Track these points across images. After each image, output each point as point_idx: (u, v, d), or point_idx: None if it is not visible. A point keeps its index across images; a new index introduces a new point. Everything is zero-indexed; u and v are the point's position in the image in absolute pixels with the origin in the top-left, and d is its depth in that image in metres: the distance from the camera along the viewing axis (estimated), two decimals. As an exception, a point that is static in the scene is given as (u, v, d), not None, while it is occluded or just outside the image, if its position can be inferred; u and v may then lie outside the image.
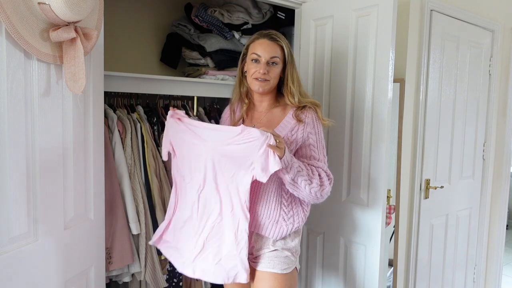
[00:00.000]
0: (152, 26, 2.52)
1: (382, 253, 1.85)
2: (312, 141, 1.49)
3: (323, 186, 1.43)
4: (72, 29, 1.22)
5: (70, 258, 1.40)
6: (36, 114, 1.22)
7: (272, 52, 1.48)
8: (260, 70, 1.46)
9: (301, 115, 1.50)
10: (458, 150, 2.65)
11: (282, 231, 1.49)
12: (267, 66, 1.47)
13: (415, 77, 2.31)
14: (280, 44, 1.50)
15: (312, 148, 1.49)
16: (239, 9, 2.40)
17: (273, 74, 1.49)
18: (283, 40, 1.51)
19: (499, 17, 2.85)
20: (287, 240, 1.52)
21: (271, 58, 1.47)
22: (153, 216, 1.94)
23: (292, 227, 1.51)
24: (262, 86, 1.49)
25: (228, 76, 2.39)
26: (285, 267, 1.49)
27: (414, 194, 2.38)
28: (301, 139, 1.48)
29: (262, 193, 1.49)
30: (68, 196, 1.37)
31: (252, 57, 1.49)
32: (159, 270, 1.93)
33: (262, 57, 1.47)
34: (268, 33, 1.51)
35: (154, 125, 2.09)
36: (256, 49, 1.49)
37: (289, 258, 1.51)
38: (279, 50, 1.50)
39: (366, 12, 1.85)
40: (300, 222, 1.53)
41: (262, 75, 1.47)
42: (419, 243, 2.44)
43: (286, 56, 1.50)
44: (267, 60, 1.47)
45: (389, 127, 1.80)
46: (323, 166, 1.47)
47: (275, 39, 1.49)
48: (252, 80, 1.50)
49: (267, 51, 1.47)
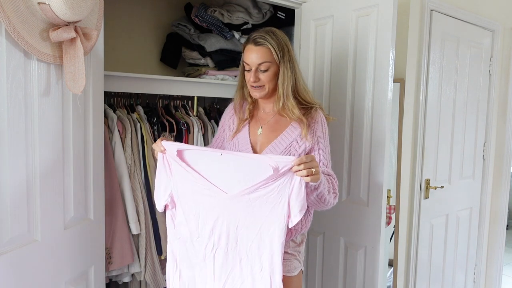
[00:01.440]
0: (152, 26, 2.52)
1: (382, 253, 1.84)
2: (322, 146, 1.46)
3: (335, 194, 1.40)
4: (72, 29, 1.22)
5: (70, 258, 1.40)
6: (36, 114, 1.22)
7: (259, 57, 1.39)
8: (250, 79, 1.42)
9: (310, 119, 1.46)
10: (458, 150, 2.65)
11: (290, 235, 1.47)
12: (257, 72, 1.41)
13: (415, 77, 2.31)
14: (267, 47, 1.39)
15: (321, 153, 1.45)
16: (239, 9, 2.40)
17: (266, 79, 1.42)
18: (271, 41, 1.40)
19: (499, 17, 2.85)
20: (295, 242, 1.51)
21: (260, 64, 1.40)
22: (153, 216, 1.94)
23: (300, 230, 1.50)
24: (259, 92, 1.44)
25: (228, 76, 2.39)
26: (293, 269, 1.48)
27: (414, 194, 2.38)
28: (310, 142, 1.44)
29: None
30: (68, 196, 1.37)
31: (244, 65, 1.45)
32: (159, 270, 1.93)
33: (251, 64, 1.41)
34: (254, 36, 1.41)
35: (154, 125, 2.09)
36: (245, 57, 1.43)
37: (296, 261, 1.50)
38: (268, 53, 1.39)
39: (366, 12, 1.84)
40: (307, 225, 1.52)
41: (253, 83, 1.42)
42: (419, 243, 2.43)
43: (276, 57, 1.40)
44: (256, 67, 1.41)
45: (389, 127, 1.80)
46: (332, 174, 1.44)
47: (260, 43, 1.39)
48: (249, 87, 1.47)
49: (254, 57, 1.40)
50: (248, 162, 1.20)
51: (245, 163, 1.21)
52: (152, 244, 1.91)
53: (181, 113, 2.28)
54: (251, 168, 1.19)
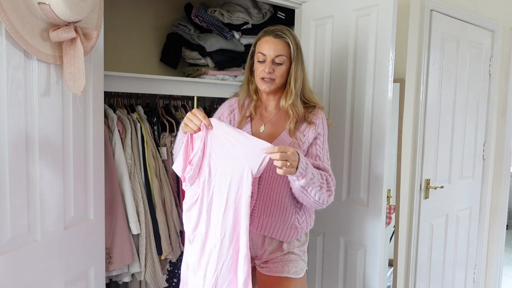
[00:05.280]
0: (152, 26, 2.52)
1: (382, 253, 1.84)
2: (319, 142, 1.48)
3: (329, 192, 1.41)
4: (72, 29, 1.22)
5: (70, 258, 1.40)
6: (36, 114, 1.22)
7: (277, 50, 1.42)
8: (265, 69, 1.42)
9: (311, 116, 1.48)
10: (458, 150, 2.65)
11: (296, 234, 1.48)
12: (273, 64, 1.43)
13: (415, 77, 2.31)
14: (286, 41, 1.43)
15: (317, 148, 1.47)
16: (239, 9, 2.40)
17: (279, 73, 1.44)
18: (290, 36, 1.44)
19: (499, 17, 2.85)
20: (300, 241, 1.51)
21: (276, 56, 1.42)
22: (153, 216, 1.94)
23: (305, 229, 1.51)
24: (268, 86, 1.45)
25: (228, 76, 2.39)
26: (300, 271, 1.48)
27: (414, 194, 2.38)
28: (311, 139, 1.47)
29: (277, 196, 1.45)
30: (68, 196, 1.37)
31: (258, 56, 1.45)
32: (159, 270, 1.93)
33: (267, 55, 1.42)
34: (274, 29, 1.45)
35: (154, 125, 2.09)
36: (261, 48, 1.44)
37: (302, 261, 1.50)
38: (285, 48, 1.43)
39: (366, 12, 1.85)
40: (311, 224, 1.53)
41: (268, 75, 1.43)
42: (419, 243, 2.44)
43: (292, 53, 1.44)
44: (272, 59, 1.42)
45: (389, 127, 1.80)
46: (328, 170, 1.45)
47: (281, 36, 1.43)
48: (258, 80, 1.47)
49: (272, 49, 1.42)
50: None
51: None
52: (152, 244, 1.91)
53: (181, 113, 2.28)
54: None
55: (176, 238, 2.04)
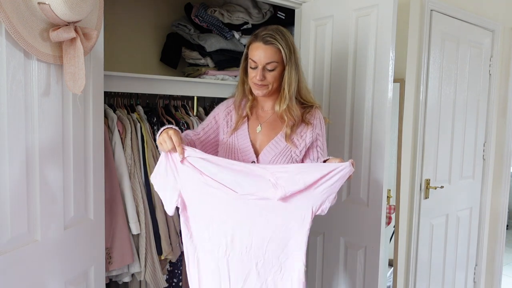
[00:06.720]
0: (152, 26, 2.52)
1: (382, 253, 1.84)
2: (320, 143, 1.47)
3: None
4: (72, 29, 1.22)
5: (70, 258, 1.40)
6: (36, 114, 1.22)
7: (267, 57, 1.38)
8: (256, 77, 1.40)
9: (309, 117, 1.47)
10: (458, 150, 2.65)
11: None
12: (263, 71, 1.40)
13: (415, 77, 2.31)
14: (277, 47, 1.38)
15: (319, 150, 1.47)
16: (239, 9, 2.40)
17: (271, 79, 1.42)
18: (281, 40, 1.39)
19: (499, 17, 2.85)
20: None
21: (267, 63, 1.39)
22: (153, 216, 1.94)
23: None
24: (261, 91, 1.44)
25: (228, 76, 2.39)
26: None
27: (414, 194, 2.38)
28: (310, 140, 1.46)
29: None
30: (68, 196, 1.37)
31: (250, 62, 1.43)
32: (159, 270, 1.93)
33: (258, 63, 1.40)
34: (264, 34, 1.39)
35: (154, 125, 2.09)
36: (252, 54, 1.41)
37: None
38: (276, 53, 1.39)
39: (366, 12, 1.84)
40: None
41: (259, 81, 1.41)
42: (419, 243, 2.43)
43: (284, 58, 1.40)
44: (263, 66, 1.40)
45: (389, 127, 1.80)
46: None
47: (271, 42, 1.38)
48: (251, 84, 1.45)
49: (263, 56, 1.39)
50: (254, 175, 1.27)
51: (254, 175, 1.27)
52: (152, 244, 1.91)
53: (181, 113, 2.28)
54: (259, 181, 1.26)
55: (176, 238, 2.04)
